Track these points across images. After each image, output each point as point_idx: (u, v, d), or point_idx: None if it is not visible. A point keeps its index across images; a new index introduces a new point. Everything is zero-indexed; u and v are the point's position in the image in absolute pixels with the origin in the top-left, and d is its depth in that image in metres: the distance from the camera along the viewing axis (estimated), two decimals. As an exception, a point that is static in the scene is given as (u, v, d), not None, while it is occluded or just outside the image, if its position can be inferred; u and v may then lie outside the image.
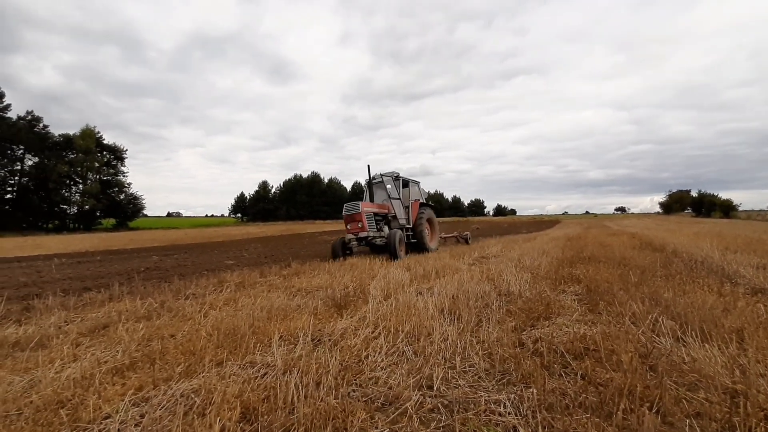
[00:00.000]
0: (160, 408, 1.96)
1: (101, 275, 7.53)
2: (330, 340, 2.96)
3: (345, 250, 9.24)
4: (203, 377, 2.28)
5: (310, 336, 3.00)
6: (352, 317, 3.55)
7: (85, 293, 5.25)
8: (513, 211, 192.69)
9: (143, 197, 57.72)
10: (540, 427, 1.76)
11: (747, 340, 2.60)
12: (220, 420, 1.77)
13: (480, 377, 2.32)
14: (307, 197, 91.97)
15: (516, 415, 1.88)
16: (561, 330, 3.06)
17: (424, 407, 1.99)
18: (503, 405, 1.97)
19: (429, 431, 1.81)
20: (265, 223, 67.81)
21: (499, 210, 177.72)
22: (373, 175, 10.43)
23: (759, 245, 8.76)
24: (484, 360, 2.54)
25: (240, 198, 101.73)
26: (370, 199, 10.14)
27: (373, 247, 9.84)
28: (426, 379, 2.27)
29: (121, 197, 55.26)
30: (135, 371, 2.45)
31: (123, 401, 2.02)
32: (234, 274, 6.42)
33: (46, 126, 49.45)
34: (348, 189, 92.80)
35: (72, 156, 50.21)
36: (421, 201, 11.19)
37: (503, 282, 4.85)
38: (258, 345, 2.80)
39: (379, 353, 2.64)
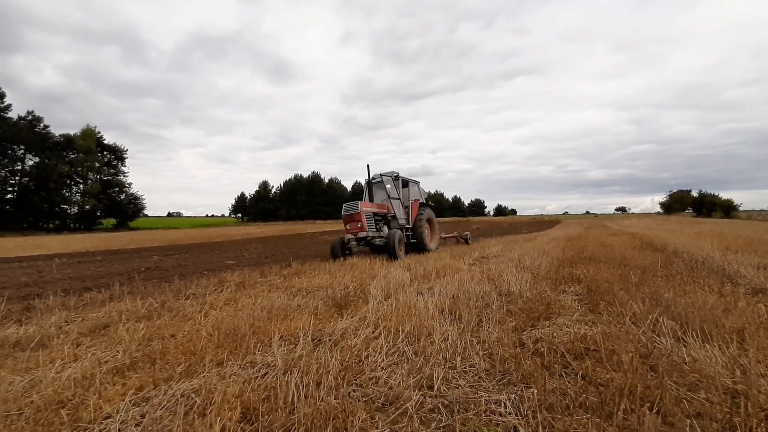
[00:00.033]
0: (160, 408, 1.96)
1: (102, 275, 7.54)
2: (330, 340, 2.96)
3: (344, 250, 9.24)
4: (204, 377, 2.28)
5: (310, 336, 3.00)
6: (352, 317, 3.56)
7: (86, 293, 5.25)
8: (513, 211, 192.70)
9: (144, 197, 57.97)
10: (540, 428, 1.76)
11: (748, 340, 2.60)
12: (220, 420, 1.77)
13: (480, 377, 2.32)
14: (308, 197, 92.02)
15: (516, 416, 1.88)
16: (561, 330, 3.06)
17: (424, 407, 1.99)
18: (504, 405, 1.97)
19: (429, 431, 1.81)
20: (266, 223, 67.85)
21: (500, 210, 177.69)
22: (373, 175, 10.41)
23: (760, 245, 8.76)
24: (484, 360, 2.54)
25: (240, 198, 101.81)
26: (369, 199, 10.11)
27: (373, 247, 9.84)
28: (426, 379, 2.27)
29: (122, 197, 55.36)
30: (135, 371, 2.46)
31: (123, 401, 2.02)
32: (234, 274, 6.42)
33: (46, 126, 49.70)
34: (348, 189, 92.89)
35: (73, 156, 50.30)
36: (421, 201, 11.17)
37: (504, 282, 4.85)
38: (258, 345, 2.80)
39: (380, 353, 2.64)
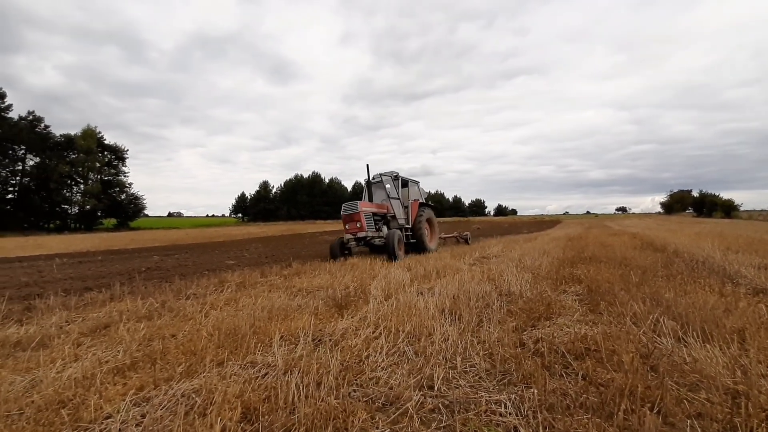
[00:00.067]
0: (161, 408, 1.96)
1: (102, 275, 7.55)
2: (331, 340, 2.97)
3: (343, 250, 9.21)
4: (204, 377, 2.28)
5: (310, 336, 3.00)
6: (352, 317, 3.56)
7: (87, 293, 5.25)
8: (514, 211, 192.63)
9: (144, 197, 57.88)
10: (541, 428, 1.76)
11: (748, 340, 2.60)
12: (221, 420, 1.77)
13: (481, 377, 2.32)
14: (308, 197, 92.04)
15: (517, 416, 1.88)
16: (562, 330, 3.06)
17: (424, 407, 1.99)
18: (504, 405, 1.97)
19: (430, 431, 1.81)
20: (266, 223, 67.87)
21: (500, 210, 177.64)
22: (372, 175, 10.40)
23: (760, 245, 8.75)
24: (484, 360, 2.54)
25: (241, 198, 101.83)
26: (369, 199, 10.09)
27: (372, 248, 9.82)
28: (427, 380, 2.27)
29: (122, 197, 55.34)
30: (136, 371, 2.46)
31: (124, 401, 2.02)
32: (235, 274, 6.42)
33: (47, 126, 49.67)
34: (349, 189, 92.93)
35: (73, 156, 50.31)
36: (421, 201, 11.16)
37: (504, 282, 4.85)
38: (259, 345, 2.80)
39: (380, 353, 2.64)
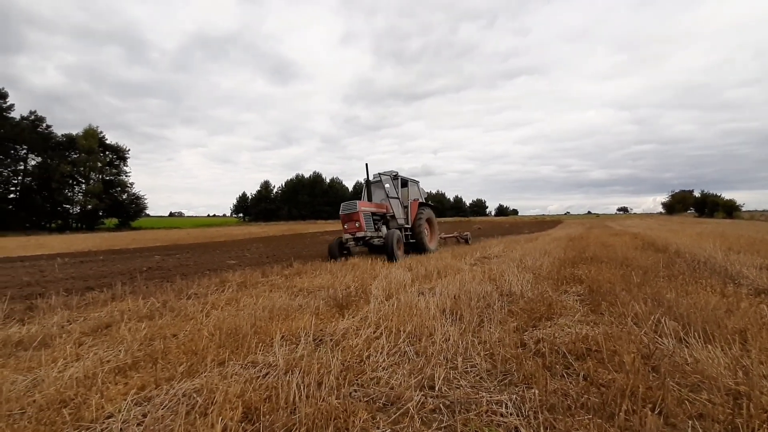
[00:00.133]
0: (162, 407, 1.97)
1: (104, 275, 7.56)
2: (332, 340, 2.97)
3: (342, 250, 9.15)
4: (205, 377, 2.29)
5: (311, 336, 3.00)
6: (353, 317, 3.56)
7: (88, 293, 5.27)
8: (515, 211, 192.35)
9: (145, 197, 58.00)
10: (542, 428, 1.76)
11: (750, 341, 2.59)
12: (222, 420, 1.78)
13: (482, 378, 2.32)
14: (309, 197, 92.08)
15: (518, 416, 1.87)
16: (563, 330, 3.06)
17: (425, 407, 1.99)
18: (505, 405, 1.97)
19: (431, 431, 1.81)
20: (267, 223, 67.91)
21: (501, 210, 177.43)
22: (372, 175, 10.36)
23: (762, 246, 8.72)
24: (485, 360, 2.53)
25: (242, 198, 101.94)
26: (368, 199, 10.04)
27: (371, 248, 9.76)
28: (428, 380, 2.27)
29: (124, 197, 55.44)
30: (137, 371, 2.46)
31: (125, 401, 2.02)
32: (236, 273, 6.43)
33: (49, 126, 49.79)
34: (350, 189, 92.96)
35: (75, 156, 50.42)
36: (421, 200, 11.12)
37: (505, 282, 4.84)
38: (260, 345, 2.81)
39: (381, 353, 2.64)
